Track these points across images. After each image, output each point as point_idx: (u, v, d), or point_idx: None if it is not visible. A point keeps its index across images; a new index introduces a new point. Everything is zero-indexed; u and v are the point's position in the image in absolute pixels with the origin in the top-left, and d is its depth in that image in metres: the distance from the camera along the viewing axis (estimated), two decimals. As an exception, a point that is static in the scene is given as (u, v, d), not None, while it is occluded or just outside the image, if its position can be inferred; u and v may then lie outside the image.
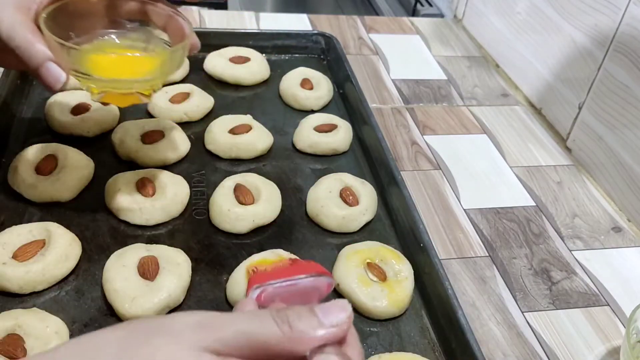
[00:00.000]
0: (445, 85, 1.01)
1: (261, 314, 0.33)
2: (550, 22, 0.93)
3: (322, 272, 0.35)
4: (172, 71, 0.57)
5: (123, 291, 0.55)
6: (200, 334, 0.32)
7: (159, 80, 0.57)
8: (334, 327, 0.33)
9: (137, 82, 0.56)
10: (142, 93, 0.57)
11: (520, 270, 0.69)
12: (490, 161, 0.85)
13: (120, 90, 0.56)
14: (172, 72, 0.57)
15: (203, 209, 0.68)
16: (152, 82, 0.56)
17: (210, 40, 0.94)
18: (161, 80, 0.57)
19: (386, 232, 0.69)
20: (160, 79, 0.57)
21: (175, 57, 0.56)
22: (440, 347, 0.57)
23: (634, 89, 0.76)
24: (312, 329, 0.33)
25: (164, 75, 0.57)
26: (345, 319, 0.34)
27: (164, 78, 0.58)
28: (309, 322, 0.33)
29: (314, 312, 0.33)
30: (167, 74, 0.57)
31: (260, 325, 0.32)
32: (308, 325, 0.33)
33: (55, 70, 0.51)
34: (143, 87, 0.56)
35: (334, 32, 1.09)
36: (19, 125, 0.76)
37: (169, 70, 0.56)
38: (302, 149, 0.79)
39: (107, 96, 0.56)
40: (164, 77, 0.58)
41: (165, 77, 0.58)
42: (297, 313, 0.33)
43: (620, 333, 0.63)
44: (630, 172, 0.77)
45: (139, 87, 0.56)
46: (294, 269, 0.35)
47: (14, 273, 0.55)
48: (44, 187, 0.65)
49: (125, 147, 0.72)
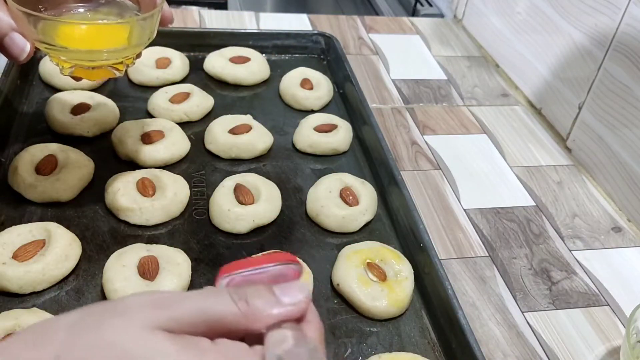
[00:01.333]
0: (445, 85, 1.01)
1: (218, 291, 0.33)
2: (550, 22, 0.93)
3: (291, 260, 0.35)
4: (143, 41, 0.55)
5: (123, 291, 0.55)
6: (154, 312, 0.31)
7: (131, 51, 0.55)
8: (291, 306, 0.33)
9: (107, 53, 0.54)
10: (114, 67, 0.56)
11: (520, 270, 0.69)
12: (490, 161, 0.85)
13: (90, 62, 0.54)
14: (142, 42, 0.55)
15: (203, 209, 0.68)
16: (124, 53, 0.55)
17: (210, 40, 0.94)
18: (132, 51, 0.56)
19: (386, 232, 0.69)
20: (132, 49, 0.55)
21: (146, 26, 0.54)
22: (440, 347, 0.57)
23: (634, 89, 0.76)
24: (269, 306, 0.33)
25: (135, 46, 0.55)
26: (303, 299, 0.34)
27: (135, 49, 0.56)
28: (266, 300, 0.33)
29: (271, 291, 0.33)
30: (138, 44, 0.55)
31: (216, 301, 0.32)
32: (265, 302, 0.33)
33: (19, 40, 0.50)
34: (115, 58, 0.55)
35: (334, 32, 1.09)
36: (19, 125, 0.76)
37: (139, 40, 0.55)
38: (302, 149, 0.79)
39: (77, 70, 0.54)
40: (135, 48, 0.56)
41: (136, 48, 0.56)
42: (255, 291, 0.33)
43: (620, 333, 0.63)
44: (630, 172, 0.77)
45: (110, 57, 0.54)
46: (264, 259, 0.35)
47: (14, 273, 0.55)
48: (44, 187, 0.65)
49: (125, 147, 0.72)
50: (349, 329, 0.58)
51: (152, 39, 0.57)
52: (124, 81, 0.87)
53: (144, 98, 0.83)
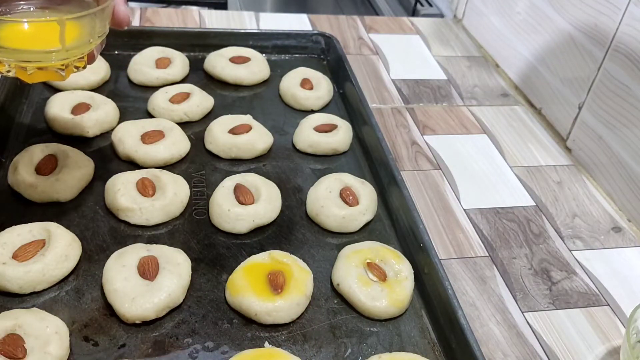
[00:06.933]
0: (445, 85, 1.01)
1: None
2: (551, 22, 0.93)
3: None
4: (82, 43, 0.51)
5: (123, 291, 0.55)
6: None
7: (65, 54, 0.50)
8: None
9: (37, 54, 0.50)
10: (60, 68, 0.51)
11: (520, 270, 0.69)
12: (490, 161, 0.85)
13: (25, 63, 0.50)
14: (81, 44, 0.51)
15: (203, 209, 0.68)
16: (60, 55, 0.50)
17: (210, 40, 0.94)
18: (69, 54, 0.50)
19: (386, 232, 0.69)
20: (66, 52, 0.50)
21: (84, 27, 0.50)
22: (440, 347, 0.57)
23: (634, 89, 0.76)
24: None
25: (73, 49, 0.50)
26: None
27: (74, 52, 0.51)
28: None
29: None
30: (75, 46, 0.50)
31: None
32: None
33: None
34: (48, 60, 0.50)
35: (334, 32, 1.09)
36: (19, 125, 0.76)
37: (77, 41, 0.50)
38: (302, 149, 0.79)
39: (18, 71, 0.50)
40: (73, 51, 0.51)
41: (75, 50, 0.51)
42: None
43: (620, 333, 0.63)
44: (630, 172, 0.77)
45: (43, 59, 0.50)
46: None
47: (14, 273, 0.55)
48: (44, 187, 0.65)
49: (125, 147, 0.72)
50: (349, 329, 0.58)
51: (97, 42, 0.53)
52: (124, 81, 0.87)
53: (144, 98, 0.83)
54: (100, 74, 0.84)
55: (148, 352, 0.53)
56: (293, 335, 0.57)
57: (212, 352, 0.54)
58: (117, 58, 0.89)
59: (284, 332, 0.57)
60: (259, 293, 0.57)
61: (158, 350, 0.54)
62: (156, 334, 0.55)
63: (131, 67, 0.87)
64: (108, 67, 0.86)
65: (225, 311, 0.58)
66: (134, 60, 0.87)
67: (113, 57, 0.89)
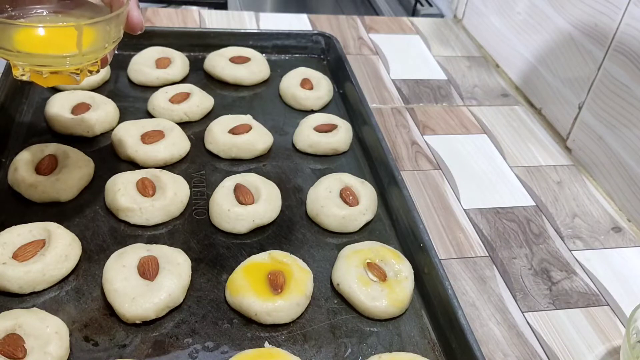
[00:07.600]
0: (445, 85, 1.01)
1: None
2: (550, 22, 0.93)
3: None
4: (98, 48, 0.51)
5: (123, 291, 0.55)
6: None
7: (80, 59, 0.51)
8: None
9: (53, 58, 0.50)
10: (74, 72, 0.52)
11: (520, 270, 0.69)
12: (490, 161, 0.85)
13: (41, 67, 0.50)
14: (97, 49, 0.51)
15: (203, 209, 0.68)
16: (76, 60, 0.50)
17: (210, 40, 0.94)
18: (84, 58, 0.51)
19: (386, 232, 0.69)
20: (83, 57, 0.50)
21: (100, 32, 0.50)
22: (440, 347, 0.57)
23: (634, 89, 0.76)
24: None
25: (89, 53, 0.51)
26: None
27: (89, 56, 0.51)
28: None
29: None
30: (91, 51, 0.51)
31: None
32: None
33: None
34: (64, 65, 0.51)
35: (334, 32, 1.09)
36: (19, 125, 0.76)
37: (93, 46, 0.50)
38: (302, 149, 0.79)
39: (33, 75, 0.51)
40: (89, 55, 0.51)
41: (90, 55, 0.51)
42: None
43: (620, 333, 0.63)
44: (630, 172, 0.77)
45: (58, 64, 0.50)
46: None
47: (14, 273, 0.55)
48: (44, 187, 0.65)
49: (125, 147, 0.72)
50: (349, 329, 0.58)
51: (112, 47, 0.53)
52: (124, 81, 0.87)
53: (144, 98, 0.83)
54: (101, 74, 0.84)
55: (148, 352, 0.53)
56: (293, 335, 0.57)
57: (212, 352, 0.54)
58: (117, 58, 0.89)
59: (284, 332, 0.57)
60: (259, 293, 0.57)
61: (158, 350, 0.54)
62: (156, 334, 0.55)
63: (131, 67, 0.87)
64: (108, 67, 0.86)
65: (225, 311, 0.58)
66: (134, 60, 0.87)
67: (113, 57, 0.89)
